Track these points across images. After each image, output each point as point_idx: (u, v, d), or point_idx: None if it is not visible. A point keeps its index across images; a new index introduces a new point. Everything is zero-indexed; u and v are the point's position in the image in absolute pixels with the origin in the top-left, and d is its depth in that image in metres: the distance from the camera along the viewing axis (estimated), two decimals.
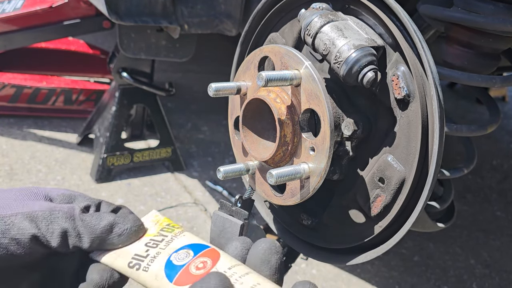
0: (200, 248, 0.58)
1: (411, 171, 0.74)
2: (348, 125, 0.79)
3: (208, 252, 0.57)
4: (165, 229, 0.63)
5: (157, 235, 0.62)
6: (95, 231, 0.57)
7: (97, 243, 0.57)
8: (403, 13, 0.73)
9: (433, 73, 0.72)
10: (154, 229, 0.63)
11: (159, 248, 0.59)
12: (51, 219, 0.56)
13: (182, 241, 0.60)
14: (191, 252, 0.57)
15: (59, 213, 0.56)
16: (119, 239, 0.58)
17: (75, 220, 0.57)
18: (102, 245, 0.58)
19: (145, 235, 0.62)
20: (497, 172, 2.33)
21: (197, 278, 0.53)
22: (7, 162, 2.01)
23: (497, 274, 1.65)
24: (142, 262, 0.58)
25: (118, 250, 0.59)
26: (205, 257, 0.57)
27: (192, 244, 0.59)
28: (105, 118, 2.04)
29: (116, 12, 1.55)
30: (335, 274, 1.58)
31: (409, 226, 0.75)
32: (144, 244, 0.60)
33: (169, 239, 0.61)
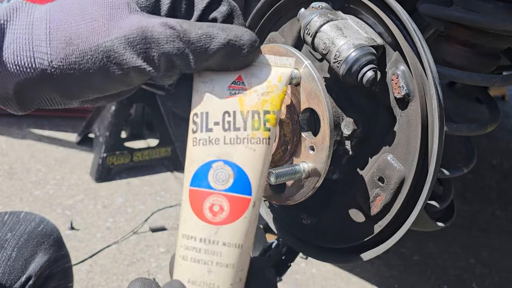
0: (244, 183, 0.48)
1: (411, 171, 0.74)
2: (347, 124, 0.79)
3: (239, 199, 0.48)
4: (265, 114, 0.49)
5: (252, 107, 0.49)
6: (203, 53, 0.47)
7: (204, 66, 0.48)
8: (402, 12, 0.73)
9: (432, 72, 0.72)
10: (257, 95, 0.49)
11: (230, 132, 0.48)
12: (151, 42, 0.46)
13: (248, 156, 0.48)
14: (231, 180, 0.48)
15: (157, 34, 0.46)
16: (230, 63, 0.48)
17: (177, 41, 0.46)
18: (208, 67, 0.49)
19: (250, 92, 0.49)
20: (497, 171, 2.33)
21: (203, 223, 0.46)
22: (6, 161, 2.01)
23: (496, 273, 1.65)
24: (199, 131, 0.49)
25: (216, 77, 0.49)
26: (228, 202, 0.48)
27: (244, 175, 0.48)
28: (105, 117, 2.04)
29: None
30: (335, 273, 1.58)
31: (409, 225, 0.74)
32: (237, 101, 0.49)
33: (245, 134, 0.49)
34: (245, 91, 0.49)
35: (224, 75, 0.49)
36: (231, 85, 0.49)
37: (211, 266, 0.46)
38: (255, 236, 0.98)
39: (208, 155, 0.48)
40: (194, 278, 0.47)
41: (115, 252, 1.59)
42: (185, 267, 0.47)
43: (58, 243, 0.90)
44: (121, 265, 1.54)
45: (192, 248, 0.47)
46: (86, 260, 1.53)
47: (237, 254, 0.47)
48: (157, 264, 1.56)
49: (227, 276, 0.47)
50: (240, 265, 0.48)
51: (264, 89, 0.50)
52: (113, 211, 1.79)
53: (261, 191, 0.49)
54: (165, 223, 1.76)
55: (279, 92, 0.51)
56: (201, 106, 0.49)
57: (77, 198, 1.83)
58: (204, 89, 0.50)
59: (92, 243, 1.60)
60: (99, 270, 1.50)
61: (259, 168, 0.49)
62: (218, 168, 0.48)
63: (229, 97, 0.49)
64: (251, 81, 0.49)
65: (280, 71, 0.51)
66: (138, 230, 1.71)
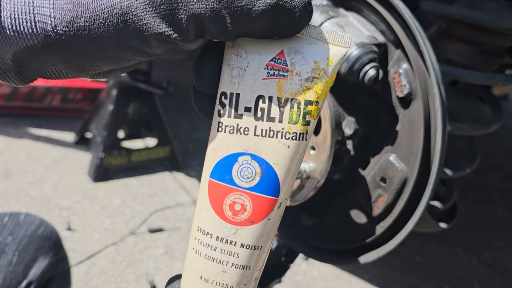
0: (272, 178, 0.42)
1: (413, 171, 0.73)
2: (349, 124, 0.78)
3: (264, 200, 0.42)
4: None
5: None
6: (245, 16, 0.38)
7: (243, 32, 0.40)
8: (405, 10, 0.72)
9: (435, 70, 0.71)
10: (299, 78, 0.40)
11: (262, 122, 0.41)
12: (178, 1, 0.37)
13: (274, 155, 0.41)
14: (257, 178, 0.42)
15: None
16: (276, 30, 0.39)
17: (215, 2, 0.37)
18: (248, 33, 0.40)
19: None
20: (500, 171, 2.32)
21: (222, 221, 0.42)
22: (3, 161, 1.99)
23: (499, 274, 1.64)
24: (226, 115, 0.42)
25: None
26: (251, 201, 0.42)
27: (272, 171, 0.42)
28: (102, 117, 2.02)
29: None
30: (336, 275, 1.57)
31: (412, 226, 0.73)
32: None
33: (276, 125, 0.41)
34: (285, 72, 0.41)
35: (263, 47, 0.41)
36: (269, 63, 0.41)
37: (226, 266, 0.43)
38: None
39: (234, 146, 0.42)
40: (207, 276, 0.43)
41: (113, 253, 1.58)
42: (198, 263, 0.44)
43: (58, 245, 0.89)
44: (119, 267, 1.52)
45: (207, 245, 0.43)
46: (84, 261, 1.52)
47: (255, 256, 0.43)
48: (156, 265, 1.55)
49: (242, 278, 0.43)
50: (257, 266, 0.44)
51: (309, 73, 0.41)
52: (111, 212, 1.78)
53: (290, 191, 0.43)
54: (164, 224, 1.75)
55: (327, 79, 0.41)
56: (232, 85, 0.42)
57: (74, 199, 1.82)
58: (237, 64, 0.42)
59: (89, 244, 1.59)
60: (97, 272, 1.49)
61: (291, 167, 0.42)
62: (244, 163, 0.42)
63: (265, 79, 0.41)
64: (295, 60, 0.41)
65: (332, 50, 0.41)
66: (136, 231, 1.69)
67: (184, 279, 0.46)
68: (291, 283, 1.51)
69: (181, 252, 1.62)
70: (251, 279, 0.44)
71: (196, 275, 0.44)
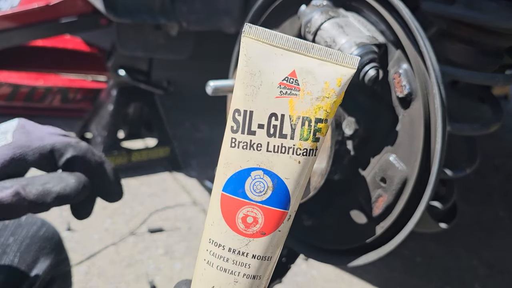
0: (283, 195, 0.44)
1: (414, 171, 0.73)
2: (349, 124, 0.78)
3: (275, 213, 0.44)
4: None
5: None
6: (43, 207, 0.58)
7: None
8: (405, 10, 0.72)
9: (435, 71, 0.71)
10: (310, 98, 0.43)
11: (275, 139, 0.43)
12: None
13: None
14: (269, 192, 0.44)
15: None
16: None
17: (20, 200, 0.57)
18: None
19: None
20: (500, 171, 2.32)
21: (234, 233, 0.44)
22: None
23: (500, 274, 1.64)
24: (240, 132, 0.44)
25: None
26: (263, 214, 0.44)
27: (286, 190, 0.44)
28: (102, 117, 2.02)
29: (113, 10, 1.54)
30: (336, 275, 1.57)
31: (412, 226, 0.73)
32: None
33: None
34: (297, 91, 0.43)
35: (276, 67, 0.43)
36: (282, 82, 0.43)
37: (238, 277, 0.45)
38: None
39: (247, 161, 0.44)
40: (219, 286, 0.45)
41: (113, 253, 1.58)
42: (210, 274, 0.45)
43: (59, 246, 0.89)
44: (119, 267, 1.52)
45: (219, 257, 0.45)
46: (83, 261, 1.52)
47: (265, 266, 0.45)
48: (156, 266, 1.55)
49: (253, 287, 0.45)
50: (266, 276, 0.46)
51: (320, 93, 0.43)
52: (111, 212, 1.78)
53: (298, 203, 0.45)
54: (164, 224, 1.75)
55: (336, 98, 0.44)
56: (245, 103, 0.44)
57: None
58: (251, 82, 0.44)
59: (89, 245, 1.59)
60: (97, 272, 1.49)
61: (301, 181, 0.44)
62: (257, 178, 0.44)
63: (278, 97, 0.43)
64: (306, 80, 0.43)
65: (340, 71, 0.44)
66: (136, 231, 1.69)
67: (193, 287, 0.47)
68: (292, 284, 1.51)
69: (181, 252, 1.62)
70: (260, 287, 0.45)
71: (208, 286, 0.45)
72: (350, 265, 0.81)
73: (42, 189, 0.57)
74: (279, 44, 0.44)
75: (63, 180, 0.58)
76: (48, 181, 0.57)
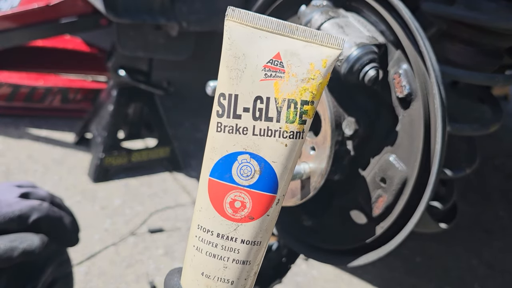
0: (268, 179, 0.44)
1: (414, 171, 0.73)
2: (349, 124, 0.78)
3: (263, 197, 0.44)
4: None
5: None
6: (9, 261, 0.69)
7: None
8: (404, 11, 0.72)
9: (435, 71, 0.71)
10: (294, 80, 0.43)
11: (260, 122, 0.43)
12: None
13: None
14: (256, 176, 0.44)
15: None
16: None
17: None
18: None
19: None
20: (500, 171, 2.32)
21: (222, 219, 0.44)
22: (3, 161, 1.99)
23: (500, 274, 1.64)
24: (225, 116, 0.44)
25: None
26: (251, 199, 0.44)
27: (270, 167, 0.44)
28: (103, 117, 2.02)
29: (113, 10, 1.54)
30: (336, 275, 1.57)
31: (412, 227, 0.73)
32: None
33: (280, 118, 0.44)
34: (282, 73, 0.43)
35: (260, 50, 0.43)
36: (267, 65, 0.43)
37: (227, 262, 0.44)
38: None
39: (233, 145, 0.44)
40: (209, 272, 0.45)
41: (113, 254, 1.58)
42: (199, 260, 0.45)
43: (61, 248, 0.89)
44: (119, 267, 1.52)
45: (208, 242, 0.44)
46: (83, 262, 1.52)
47: (255, 251, 0.45)
48: (156, 266, 1.55)
49: (242, 272, 0.45)
50: (256, 261, 0.46)
51: (305, 75, 0.43)
52: (111, 212, 1.78)
53: (287, 187, 0.45)
54: (164, 225, 1.75)
55: (322, 80, 0.43)
56: (230, 87, 0.43)
57: (74, 199, 1.82)
58: (235, 66, 0.43)
59: (90, 245, 1.59)
60: (97, 272, 1.49)
61: (288, 165, 0.44)
62: (243, 162, 0.43)
63: (263, 80, 0.43)
64: (291, 62, 0.43)
65: (326, 52, 0.43)
66: (137, 232, 1.69)
67: (184, 275, 0.46)
68: (292, 284, 1.51)
69: (181, 252, 1.62)
70: (250, 273, 0.45)
71: (197, 272, 0.45)
72: (350, 265, 0.81)
73: (10, 246, 0.68)
74: (263, 26, 0.43)
75: (28, 239, 0.70)
76: (16, 239, 0.69)
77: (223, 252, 0.44)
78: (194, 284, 0.45)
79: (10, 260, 0.68)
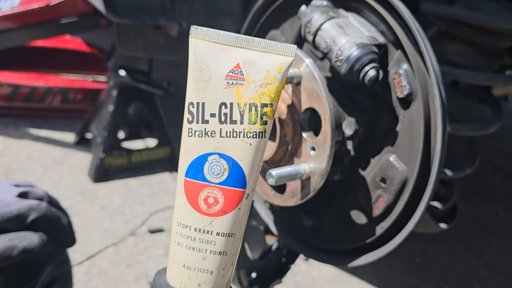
0: (237, 174, 0.49)
1: (414, 171, 0.73)
2: (349, 124, 0.78)
3: (233, 192, 0.49)
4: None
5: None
6: (9, 260, 0.70)
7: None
8: (405, 11, 0.72)
9: (435, 71, 0.71)
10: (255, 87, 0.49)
11: (226, 125, 0.48)
12: None
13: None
14: (226, 173, 0.49)
15: None
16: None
17: None
18: None
19: None
20: (500, 172, 2.32)
21: (198, 214, 0.48)
22: (3, 161, 1.99)
23: (500, 275, 1.64)
24: (195, 122, 0.49)
25: None
26: (222, 194, 0.49)
27: (237, 166, 0.49)
28: (103, 117, 2.02)
29: (113, 10, 1.54)
30: (336, 275, 1.57)
31: (412, 227, 0.73)
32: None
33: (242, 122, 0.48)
34: (242, 81, 0.48)
35: (221, 62, 0.49)
36: (228, 74, 0.49)
37: (205, 253, 0.49)
38: (255, 237, 0.97)
39: (204, 148, 0.49)
40: (189, 264, 0.49)
41: (113, 254, 1.58)
42: (180, 253, 0.50)
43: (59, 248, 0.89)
44: (119, 267, 1.52)
45: (187, 237, 0.49)
46: (83, 262, 1.52)
47: (230, 243, 0.50)
48: (155, 266, 1.55)
49: (221, 263, 0.49)
50: (233, 252, 0.50)
51: (263, 80, 0.49)
52: (111, 213, 1.78)
53: (255, 183, 0.50)
54: (164, 225, 1.75)
55: (278, 84, 0.49)
56: (197, 96, 0.49)
57: (74, 199, 1.82)
58: (200, 77, 0.49)
59: (89, 245, 1.59)
60: (97, 272, 1.49)
61: (254, 162, 0.49)
62: (213, 161, 0.49)
63: (226, 88, 0.49)
64: (250, 70, 0.48)
65: (280, 60, 0.49)
66: (136, 232, 1.69)
67: (169, 270, 0.51)
68: (292, 284, 1.51)
69: None
70: (228, 263, 0.50)
71: (180, 265, 0.50)
72: (350, 265, 0.81)
73: (10, 244, 0.68)
74: (223, 41, 0.49)
75: (27, 238, 0.71)
76: (15, 238, 0.70)
77: (201, 244, 0.49)
78: (177, 277, 0.50)
79: (9, 259, 0.68)
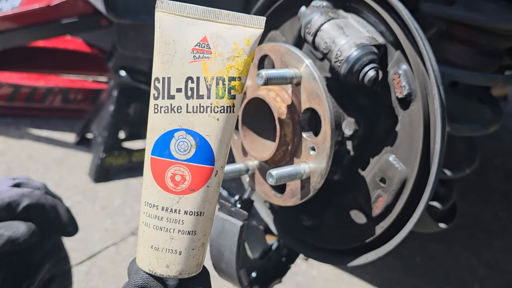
0: (206, 155, 0.47)
1: (413, 171, 0.73)
2: (349, 125, 0.78)
3: (201, 169, 0.48)
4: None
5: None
6: None
7: None
8: (404, 11, 0.72)
9: (434, 71, 0.71)
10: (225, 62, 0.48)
11: (193, 100, 0.47)
12: None
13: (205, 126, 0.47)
14: (193, 150, 0.48)
15: None
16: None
17: None
18: None
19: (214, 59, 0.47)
20: (500, 172, 2.32)
21: (165, 193, 0.47)
22: (4, 161, 2.00)
23: (499, 275, 1.64)
24: (160, 98, 0.48)
25: None
26: (190, 172, 0.48)
27: (205, 143, 0.47)
28: (103, 117, 2.02)
29: (114, 10, 1.54)
30: (336, 275, 1.57)
31: (411, 226, 0.74)
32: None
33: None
34: (209, 54, 0.47)
35: (188, 35, 0.47)
36: (195, 48, 0.47)
37: (173, 233, 0.47)
38: (255, 237, 0.97)
39: (170, 124, 0.47)
40: (157, 245, 0.48)
41: (113, 253, 1.58)
42: (148, 234, 0.49)
43: (58, 245, 0.89)
44: (120, 267, 1.53)
45: (154, 216, 0.48)
46: (84, 261, 1.52)
47: (199, 222, 0.48)
48: None
49: (189, 243, 0.48)
50: (202, 231, 0.49)
51: (230, 53, 0.47)
52: (111, 212, 1.78)
53: (225, 160, 0.49)
54: None
55: (246, 57, 0.48)
56: (163, 71, 0.48)
57: (75, 199, 1.82)
58: (166, 51, 0.48)
59: (90, 245, 1.59)
60: (97, 272, 1.49)
61: (223, 138, 0.48)
62: (180, 138, 0.47)
63: (192, 62, 0.47)
64: (217, 43, 0.47)
65: (248, 32, 0.48)
66: (137, 232, 1.70)
67: (138, 253, 0.51)
68: (292, 283, 1.51)
69: None
70: (198, 244, 0.48)
71: (147, 246, 0.49)
72: (350, 265, 0.81)
73: None
74: (190, 14, 0.48)
75: (14, 226, 0.69)
76: (1, 227, 0.68)
77: (168, 224, 0.47)
78: (146, 258, 0.49)
79: None
